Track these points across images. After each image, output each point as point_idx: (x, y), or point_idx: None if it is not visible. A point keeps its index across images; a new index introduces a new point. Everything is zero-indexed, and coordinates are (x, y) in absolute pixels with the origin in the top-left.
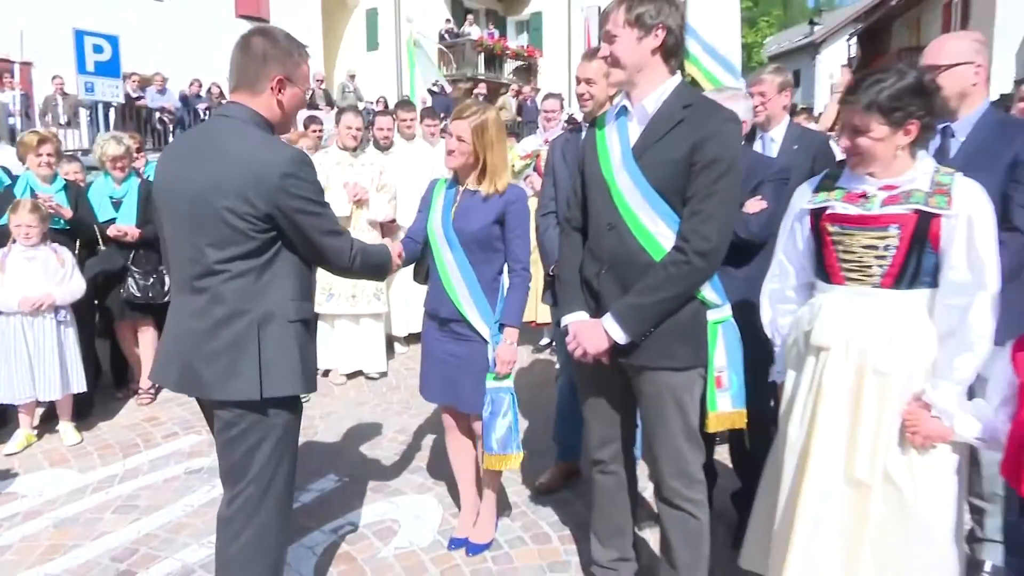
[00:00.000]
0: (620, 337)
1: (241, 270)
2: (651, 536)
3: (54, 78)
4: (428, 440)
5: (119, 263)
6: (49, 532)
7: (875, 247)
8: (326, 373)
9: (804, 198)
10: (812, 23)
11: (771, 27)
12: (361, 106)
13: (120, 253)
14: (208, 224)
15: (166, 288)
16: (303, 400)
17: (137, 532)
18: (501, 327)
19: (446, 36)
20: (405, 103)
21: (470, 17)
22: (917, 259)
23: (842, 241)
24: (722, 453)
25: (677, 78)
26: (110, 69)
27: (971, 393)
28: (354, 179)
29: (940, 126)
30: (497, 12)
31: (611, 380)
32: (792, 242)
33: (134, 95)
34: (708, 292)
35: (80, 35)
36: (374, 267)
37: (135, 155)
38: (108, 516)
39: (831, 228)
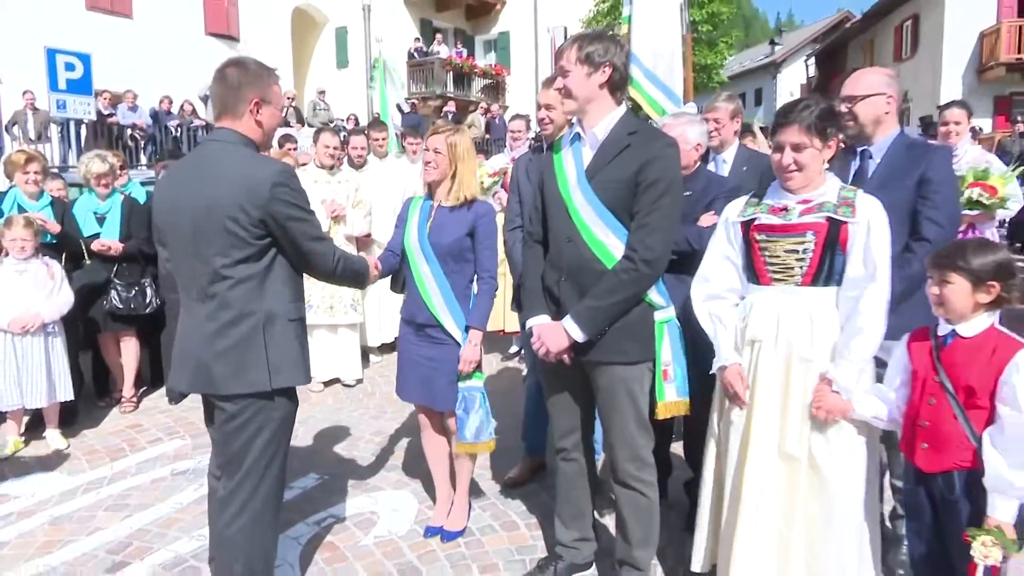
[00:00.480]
0: (579, 336)
1: (244, 276)
2: (611, 522)
3: (24, 93)
4: (403, 442)
5: (103, 276)
6: (45, 529)
7: (796, 251)
8: None
9: (734, 212)
10: (772, 43)
11: (731, 48)
12: (332, 124)
13: (104, 266)
14: (212, 234)
15: (147, 299)
16: None
17: (129, 528)
18: (467, 329)
19: (415, 55)
20: (377, 123)
21: (439, 36)
22: (830, 260)
23: (768, 247)
24: (677, 448)
25: (623, 108)
26: (82, 87)
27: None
28: (331, 196)
29: (859, 150)
30: (465, 31)
31: (572, 376)
32: (731, 249)
33: (105, 112)
34: (654, 295)
35: (52, 53)
36: (355, 274)
37: (118, 172)
38: (100, 514)
39: (759, 236)
